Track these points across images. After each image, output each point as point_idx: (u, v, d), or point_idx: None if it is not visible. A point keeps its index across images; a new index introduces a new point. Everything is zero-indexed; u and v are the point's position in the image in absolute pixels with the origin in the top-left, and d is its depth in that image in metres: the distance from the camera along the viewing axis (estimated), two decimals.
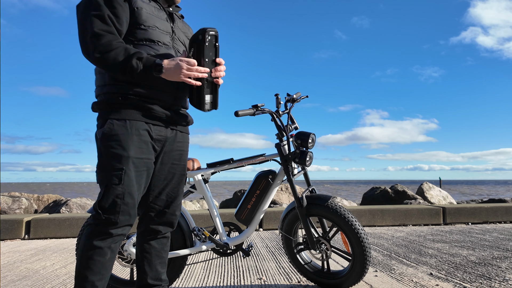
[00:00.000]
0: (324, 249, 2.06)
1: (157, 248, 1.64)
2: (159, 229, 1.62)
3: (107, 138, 1.40)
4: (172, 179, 1.62)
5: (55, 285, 2.30)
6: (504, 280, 2.24)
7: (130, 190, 1.41)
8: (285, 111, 2.12)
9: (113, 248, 1.42)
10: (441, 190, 7.87)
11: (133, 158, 1.41)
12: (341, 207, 1.98)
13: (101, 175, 1.41)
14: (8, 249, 3.61)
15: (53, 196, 8.05)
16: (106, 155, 1.39)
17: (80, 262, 1.39)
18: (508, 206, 5.15)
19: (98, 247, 1.38)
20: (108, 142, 1.39)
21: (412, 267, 2.59)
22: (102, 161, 1.40)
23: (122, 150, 1.39)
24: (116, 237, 1.41)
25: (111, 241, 1.40)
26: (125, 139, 1.40)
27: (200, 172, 2.08)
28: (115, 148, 1.39)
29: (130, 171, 1.40)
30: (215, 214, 2.08)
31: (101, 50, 1.33)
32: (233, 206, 7.75)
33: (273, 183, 2.06)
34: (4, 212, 6.01)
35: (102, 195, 1.39)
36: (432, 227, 4.67)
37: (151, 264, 1.63)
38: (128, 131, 1.41)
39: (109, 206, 1.38)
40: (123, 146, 1.39)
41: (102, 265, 1.39)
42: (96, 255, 1.38)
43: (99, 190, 1.42)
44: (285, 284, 2.24)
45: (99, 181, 1.42)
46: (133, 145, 1.42)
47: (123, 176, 1.39)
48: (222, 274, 2.51)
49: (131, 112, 1.43)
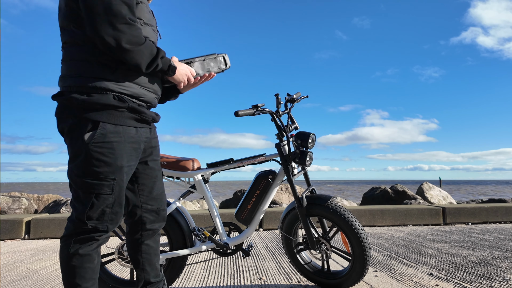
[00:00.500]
0: (324, 249, 2.06)
1: (154, 247, 1.63)
2: (155, 227, 1.61)
3: (99, 144, 1.28)
4: (157, 176, 1.59)
5: (55, 285, 2.30)
6: (504, 280, 2.24)
7: (120, 200, 1.37)
8: (285, 111, 2.12)
9: (99, 252, 1.38)
10: (441, 190, 7.87)
11: (125, 167, 1.35)
12: (341, 207, 1.98)
13: (87, 183, 1.29)
14: (8, 249, 3.61)
15: (53, 196, 8.05)
16: (97, 161, 1.28)
17: (68, 273, 1.32)
18: (508, 206, 5.15)
19: (86, 255, 1.32)
20: (101, 148, 1.28)
21: (412, 267, 2.59)
22: (90, 168, 1.28)
23: (115, 159, 1.31)
24: (101, 241, 1.36)
25: (96, 246, 1.35)
26: (119, 148, 1.32)
27: (200, 172, 2.08)
28: (107, 157, 1.29)
29: (122, 180, 1.35)
30: (215, 214, 2.08)
31: (133, 41, 1.25)
32: (233, 206, 7.75)
33: (273, 183, 2.06)
34: (4, 212, 6.01)
35: (91, 205, 1.30)
36: (432, 227, 4.67)
37: (151, 264, 1.62)
38: (122, 139, 1.33)
39: (97, 215, 1.31)
40: (116, 155, 1.31)
41: (93, 270, 1.34)
42: (85, 263, 1.32)
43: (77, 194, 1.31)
44: (285, 284, 2.24)
45: (84, 187, 1.29)
46: (126, 154, 1.35)
47: (115, 186, 1.33)
48: (222, 274, 2.51)
49: (124, 117, 1.33)
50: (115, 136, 1.31)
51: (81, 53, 1.29)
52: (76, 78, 1.28)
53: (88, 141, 1.27)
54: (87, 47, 1.29)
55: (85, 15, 1.23)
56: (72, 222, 1.33)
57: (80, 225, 1.30)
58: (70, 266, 1.31)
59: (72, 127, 1.29)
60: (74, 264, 1.30)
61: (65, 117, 1.30)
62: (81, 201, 1.30)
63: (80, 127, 1.28)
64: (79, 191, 1.30)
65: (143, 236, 1.58)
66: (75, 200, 1.32)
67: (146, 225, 1.57)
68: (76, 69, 1.29)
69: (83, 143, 1.27)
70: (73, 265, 1.30)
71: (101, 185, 1.30)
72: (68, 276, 1.31)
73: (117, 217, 1.37)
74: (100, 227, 1.32)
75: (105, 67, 1.29)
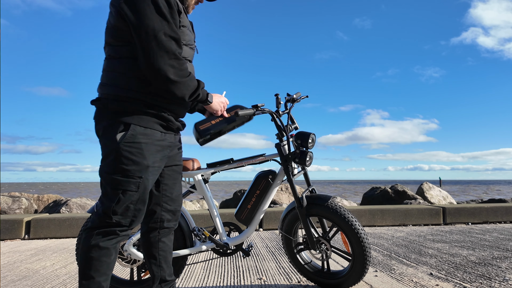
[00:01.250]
0: (324, 249, 2.06)
1: (169, 245, 1.74)
2: (171, 225, 1.72)
3: (129, 144, 1.40)
4: (178, 178, 1.73)
5: (55, 285, 2.30)
6: (504, 280, 2.24)
7: (144, 197, 1.47)
8: (285, 111, 2.12)
9: (117, 249, 1.45)
10: (441, 190, 7.87)
11: (150, 167, 1.46)
12: (341, 207, 1.98)
13: (116, 179, 1.40)
14: (8, 249, 3.61)
15: (53, 196, 8.05)
16: (126, 160, 1.40)
17: (85, 264, 1.39)
18: (508, 206, 5.15)
19: (105, 248, 1.40)
20: (130, 148, 1.40)
21: (412, 267, 2.59)
22: (119, 165, 1.40)
23: (143, 159, 1.43)
24: (121, 237, 1.45)
25: (115, 242, 1.43)
26: (146, 148, 1.44)
27: (200, 172, 2.08)
28: (136, 156, 1.41)
29: (147, 179, 1.46)
30: (215, 214, 2.08)
31: (181, 75, 1.40)
32: (233, 206, 7.75)
33: (273, 183, 2.06)
34: (4, 212, 6.01)
35: (117, 200, 1.40)
36: (432, 227, 4.67)
37: (167, 261, 1.72)
38: (149, 141, 1.45)
39: (122, 211, 1.41)
40: (144, 155, 1.43)
41: (108, 265, 1.41)
42: (103, 256, 1.40)
43: (106, 190, 1.42)
44: (285, 284, 2.24)
45: (112, 184, 1.41)
46: (152, 154, 1.47)
47: (141, 184, 1.44)
48: (222, 274, 2.51)
49: (153, 122, 1.47)
50: (143, 137, 1.43)
51: (121, 66, 1.43)
52: (113, 87, 1.43)
53: (119, 141, 1.40)
54: (127, 62, 1.43)
55: (139, 49, 1.37)
56: (97, 215, 1.43)
57: (105, 218, 1.41)
58: (88, 257, 1.39)
59: (106, 128, 1.42)
60: (92, 255, 1.39)
61: (101, 120, 1.45)
62: (108, 197, 1.41)
63: (113, 128, 1.41)
64: (107, 187, 1.42)
65: (160, 233, 1.69)
66: (104, 195, 1.43)
67: (164, 223, 1.69)
68: (115, 79, 1.43)
69: (115, 142, 1.40)
70: (91, 256, 1.39)
71: (128, 182, 1.41)
72: (85, 267, 1.39)
73: (140, 214, 1.48)
74: (123, 222, 1.42)
75: (140, 81, 1.43)
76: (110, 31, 1.45)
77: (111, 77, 1.45)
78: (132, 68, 1.42)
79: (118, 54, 1.43)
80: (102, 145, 1.45)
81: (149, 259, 1.70)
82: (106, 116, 1.43)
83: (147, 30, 1.34)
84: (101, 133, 1.45)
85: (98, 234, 1.41)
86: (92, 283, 1.39)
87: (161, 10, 1.37)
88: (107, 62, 1.48)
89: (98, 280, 1.39)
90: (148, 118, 1.45)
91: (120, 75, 1.43)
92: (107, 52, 1.48)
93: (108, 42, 1.46)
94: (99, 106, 1.46)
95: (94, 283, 1.39)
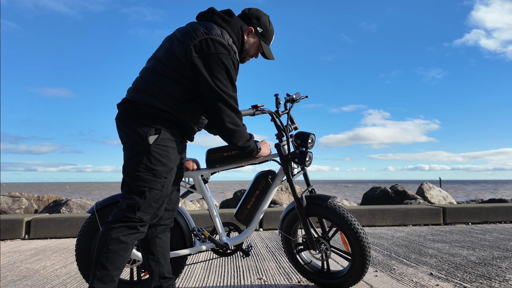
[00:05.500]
0: (323, 249, 2.06)
1: (166, 241, 1.81)
2: (167, 223, 1.81)
3: (159, 147, 1.54)
4: (178, 182, 1.83)
5: (55, 285, 2.30)
6: (504, 280, 2.24)
7: (165, 197, 1.60)
8: (284, 111, 2.12)
9: (133, 245, 1.54)
10: (441, 190, 7.87)
11: (173, 169, 1.62)
12: (341, 207, 1.98)
13: (145, 178, 1.51)
14: (8, 249, 3.62)
15: (53, 196, 8.06)
16: (156, 160, 1.53)
17: (102, 256, 1.45)
18: (508, 206, 5.15)
19: (124, 242, 1.48)
20: (160, 150, 1.54)
21: (412, 267, 2.59)
22: (150, 165, 1.52)
23: (169, 161, 1.57)
24: (139, 234, 1.53)
25: (134, 238, 1.52)
26: (172, 152, 1.59)
27: (200, 172, 2.08)
28: (164, 158, 1.55)
29: (170, 180, 1.60)
30: (214, 214, 2.08)
31: (244, 138, 1.69)
32: (233, 206, 7.76)
33: (272, 183, 2.06)
34: (4, 212, 6.01)
35: (144, 197, 1.50)
36: (432, 227, 4.67)
37: (165, 258, 1.78)
38: (174, 146, 1.61)
39: (145, 207, 1.52)
40: (170, 158, 1.58)
41: (123, 260, 1.49)
42: (121, 250, 1.47)
43: (131, 188, 1.51)
44: (285, 284, 2.24)
45: (141, 181, 1.51)
46: (175, 158, 1.62)
47: (165, 184, 1.57)
48: (222, 274, 2.51)
49: (177, 131, 1.63)
50: (171, 142, 1.59)
51: (163, 83, 1.56)
52: (150, 96, 1.56)
53: (152, 143, 1.52)
54: (170, 83, 1.56)
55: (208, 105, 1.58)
56: (121, 210, 1.51)
57: (129, 213, 1.50)
58: (108, 249, 1.46)
59: (137, 130, 1.53)
60: (111, 248, 1.46)
61: (130, 121, 1.55)
62: (135, 194, 1.51)
63: (144, 131, 1.53)
64: (133, 185, 1.51)
65: (157, 230, 1.76)
66: (128, 192, 1.52)
67: (160, 221, 1.76)
68: (152, 91, 1.56)
69: (147, 144, 1.52)
70: (111, 249, 1.46)
71: (155, 181, 1.53)
72: (102, 258, 1.46)
73: (158, 212, 1.59)
74: (144, 218, 1.53)
75: (176, 101, 1.57)
76: (169, 55, 1.56)
77: (150, 87, 1.56)
78: (173, 90, 1.56)
79: (166, 73, 1.55)
80: (130, 145, 1.54)
81: (147, 255, 1.75)
82: (138, 118, 1.54)
83: (217, 92, 1.54)
84: (130, 134, 1.54)
85: (120, 228, 1.48)
86: (107, 275, 1.45)
87: (230, 74, 1.57)
88: (150, 73, 1.58)
89: (112, 273, 1.46)
90: (174, 127, 1.61)
91: (160, 89, 1.55)
92: (153, 65, 1.59)
93: (160, 60, 1.58)
94: (128, 108, 1.56)
95: (108, 276, 1.45)
